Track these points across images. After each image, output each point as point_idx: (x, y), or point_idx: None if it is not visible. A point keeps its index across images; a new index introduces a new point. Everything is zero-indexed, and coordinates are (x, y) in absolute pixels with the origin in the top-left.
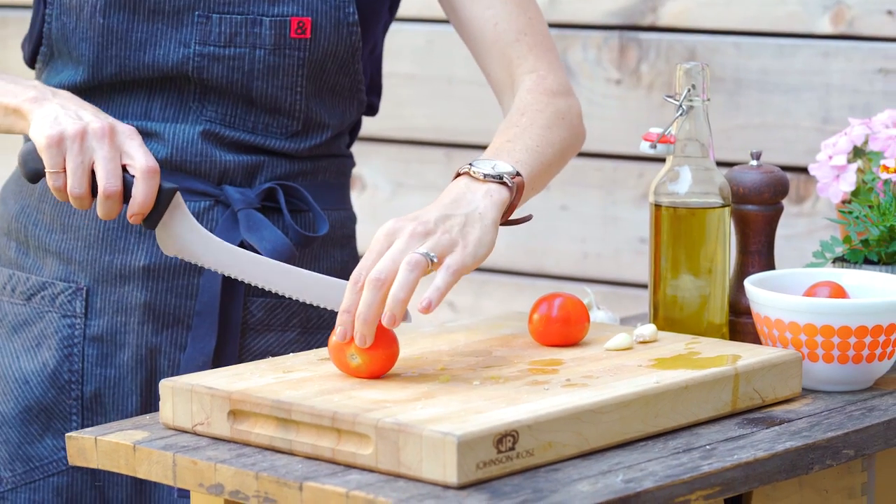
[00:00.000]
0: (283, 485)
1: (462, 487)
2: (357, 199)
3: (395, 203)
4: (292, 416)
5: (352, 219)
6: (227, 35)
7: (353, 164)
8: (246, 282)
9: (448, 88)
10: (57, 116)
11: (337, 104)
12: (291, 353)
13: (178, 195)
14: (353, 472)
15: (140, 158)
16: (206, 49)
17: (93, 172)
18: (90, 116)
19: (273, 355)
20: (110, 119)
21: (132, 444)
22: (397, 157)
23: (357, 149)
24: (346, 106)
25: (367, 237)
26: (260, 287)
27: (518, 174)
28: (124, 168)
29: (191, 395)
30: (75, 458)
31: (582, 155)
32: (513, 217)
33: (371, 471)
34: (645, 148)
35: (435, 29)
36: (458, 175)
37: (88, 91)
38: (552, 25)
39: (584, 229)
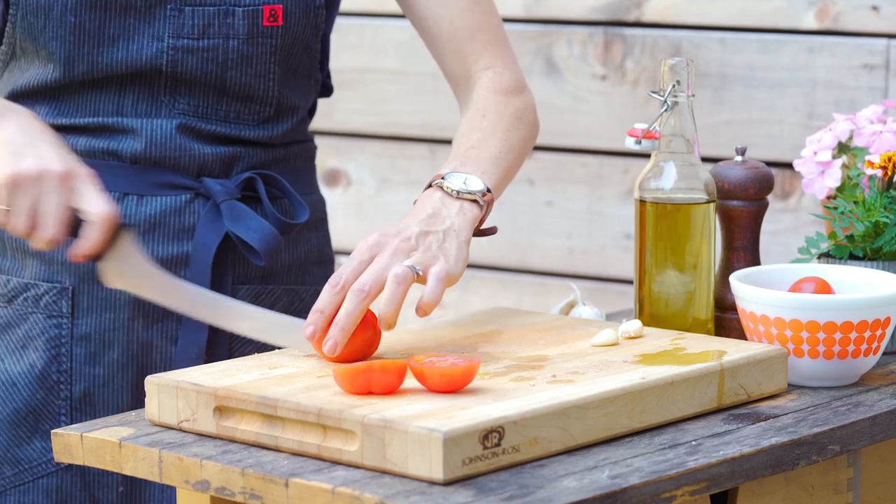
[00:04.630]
0: (269, 481)
1: (448, 483)
2: (342, 195)
3: (380, 199)
4: (278, 413)
5: (322, 202)
6: (200, 27)
7: (315, 148)
8: (191, 317)
9: (433, 84)
10: (17, 150)
11: (301, 85)
12: (276, 350)
13: (131, 234)
14: (339, 469)
15: (100, 206)
16: (180, 42)
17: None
18: (51, 155)
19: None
20: (70, 161)
21: (118, 441)
22: (382, 152)
23: (342, 144)
24: (308, 87)
25: (353, 232)
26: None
27: (488, 190)
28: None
29: (176, 391)
30: (61, 454)
31: (567, 151)
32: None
33: (357, 467)
34: (630, 144)
35: None
36: (430, 186)
37: (59, 90)
38: (537, 21)
39: (570, 225)
